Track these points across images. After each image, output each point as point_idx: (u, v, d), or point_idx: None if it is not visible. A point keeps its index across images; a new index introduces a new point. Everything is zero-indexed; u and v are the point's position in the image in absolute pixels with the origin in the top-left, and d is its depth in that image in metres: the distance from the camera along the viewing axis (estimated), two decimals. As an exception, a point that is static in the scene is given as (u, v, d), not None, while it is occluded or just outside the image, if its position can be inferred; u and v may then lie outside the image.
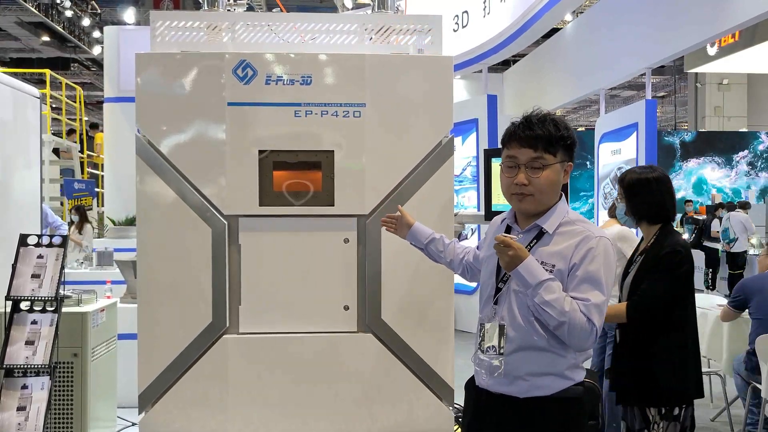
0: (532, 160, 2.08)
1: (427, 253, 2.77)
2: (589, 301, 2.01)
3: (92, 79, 21.15)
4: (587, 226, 2.13)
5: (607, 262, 2.06)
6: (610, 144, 8.48)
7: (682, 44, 7.13)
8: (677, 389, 2.90)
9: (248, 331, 3.32)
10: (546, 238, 2.12)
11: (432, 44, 3.50)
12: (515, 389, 2.11)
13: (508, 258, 2.02)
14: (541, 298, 1.99)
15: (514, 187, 2.11)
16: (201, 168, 3.30)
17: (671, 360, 2.90)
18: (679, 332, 2.94)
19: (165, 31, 3.42)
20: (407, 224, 2.78)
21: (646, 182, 3.05)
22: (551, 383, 2.10)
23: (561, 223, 2.13)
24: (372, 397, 3.35)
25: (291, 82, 3.31)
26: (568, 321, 1.98)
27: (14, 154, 4.11)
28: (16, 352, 3.56)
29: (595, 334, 2.03)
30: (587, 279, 2.04)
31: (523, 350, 2.10)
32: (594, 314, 2.01)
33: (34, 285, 3.64)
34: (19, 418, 3.50)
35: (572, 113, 25.20)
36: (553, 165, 2.10)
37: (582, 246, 2.06)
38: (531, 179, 2.08)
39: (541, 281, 2.00)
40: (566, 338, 2.03)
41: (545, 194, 2.11)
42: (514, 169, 2.11)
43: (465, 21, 8.96)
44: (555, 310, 1.98)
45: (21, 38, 17.94)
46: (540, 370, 2.10)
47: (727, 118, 18.67)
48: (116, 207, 7.41)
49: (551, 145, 2.08)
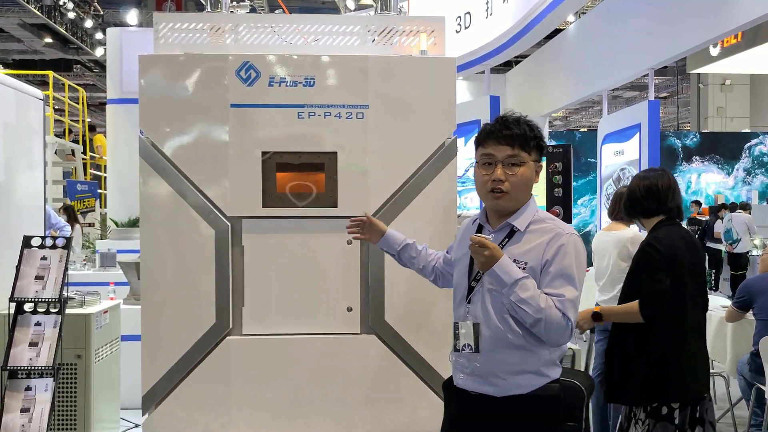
0: (509, 157, 2.15)
1: (398, 259, 2.70)
2: (563, 297, 2.07)
3: (95, 80, 21.19)
4: (557, 224, 2.19)
5: (578, 258, 2.12)
6: (612, 145, 8.46)
7: (684, 45, 7.11)
8: (655, 386, 2.87)
9: (251, 332, 3.32)
10: (517, 236, 2.18)
11: (435, 45, 3.50)
12: (493, 389, 2.15)
13: (484, 258, 2.06)
14: (517, 296, 2.04)
15: (492, 183, 2.16)
16: (204, 169, 3.31)
17: (650, 356, 2.88)
18: (666, 328, 2.90)
19: (168, 33, 3.42)
20: (380, 231, 2.68)
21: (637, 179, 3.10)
22: (528, 381, 2.14)
23: (531, 221, 2.19)
24: (375, 398, 3.35)
25: (294, 83, 3.31)
26: (545, 317, 2.04)
27: (17, 156, 4.12)
28: (20, 353, 3.57)
29: (571, 329, 2.09)
30: (560, 275, 2.09)
31: (499, 348, 2.14)
32: (569, 309, 2.07)
33: (37, 286, 3.64)
34: (22, 420, 3.50)
35: (574, 114, 25.19)
36: (528, 163, 2.17)
37: (553, 243, 2.11)
38: (508, 176, 2.15)
39: (516, 280, 2.05)
40: (543, 335, 2.08)
41: (520, 192, 2.18)
42: (492, 167, 2.17)
43: (467, 22, 8.95)
44: (531, 307, 2.04)
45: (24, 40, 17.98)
46: (516, 368, 2.14)
47: (730, 119, 18.64)
48: (119, 208, 7.42)
49: (526, 143, 2.16)
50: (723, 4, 6.34)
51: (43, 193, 4.46)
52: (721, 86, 18.54)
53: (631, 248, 4.30)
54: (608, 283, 4.42)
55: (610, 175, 8.60)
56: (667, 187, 3.07)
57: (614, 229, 4.47)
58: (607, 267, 4.43)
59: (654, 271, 2.89)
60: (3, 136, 3.95)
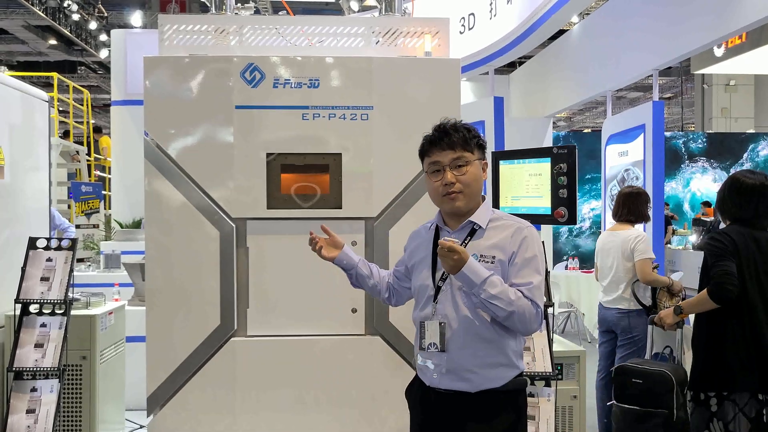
0: (455, 159, 2.25)
1: (353, 277, 2.59)
2: (531, 284, 2.16)
3: (99, 82, 21.22)
4: (515, 219, 2.30)
5: (539, 248, 2.25)
6: (617, 146, 8.46)
7: (689, 45, 7.09)
8: (700, 374, 2.97)
9: (256, 333, 3.32)
10: (479, 233, 2.26)
11: (439, 47, 3.50)
12: (466, 384, 2.19)
13: (453, 262, 2.11)
14: (488, 294, 2.10)
15: (444, 188, 2.25)
16: (209, 171, 3.31)
17: (701, 346, 2.99)
18: (721, 319, 2.98)
19: (173, 35, 3.43)
20: (337, 245, 2.57)
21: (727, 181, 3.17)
22: (500, 374, 2.21)
23: (491, 218, 2.28)
24: (380, 399, 3.35)
25: (299, 85, 3.32)
26: (516, 309, 2.11)
27: (23, 158, 4.13)
28: (26, 354, 3.58)
29: (541, 315, 2.18)
30: (526, 264, 2.19)
31: (471, 343, 2.19)
32: (537, 296, 2.17)
33: (43, 288, 3.65)
34: (28, 421, 3.51)
35: (578, 115, 25.15)
36: (473, 161, 2.26)
37: (516, 236, 2.22)
38: (457, 177, 2.24)
39: (484, 279, 2.11)
40: (516, 326, 2.16)
41: (473, 190, 2.26)
42: (440, 173, 2.26)
43: (471, 23, 8.95)
44: (502, 301, 2.10)
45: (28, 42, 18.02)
46: (488, 360, 2.20)
47: (734, 120, 18.59)
48: (123, 210, 7.43)
49: (467, 144, 2.26)
50: (727, 5, 6.33)
51: (48, 194, 4.47)
52: (726, 87, 18.49)
53: (635, 246, 4.31)
54: (613, 282, 4.43)
55: (615, 176, 8.59)
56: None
57: (619, 230, 4.47)
58: (611, 267, 4.43)
59: (719, 258, 2.96)
60: (9, 137, 3.96)
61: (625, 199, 4.51)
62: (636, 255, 4.29)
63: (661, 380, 2.92)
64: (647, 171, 7.53)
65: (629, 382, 3.04)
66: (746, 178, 3.12)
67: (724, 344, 2.97)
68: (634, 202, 4.49)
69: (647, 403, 2.95)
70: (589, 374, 4.19)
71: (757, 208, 3.08)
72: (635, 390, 3.01)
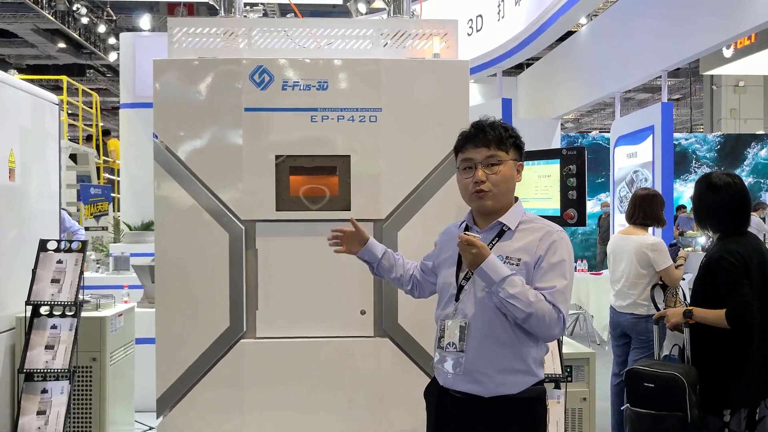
0: (488, 158, 2.20)
1: (375, 269, 2.61)
2: (554, 288, 2.10)
3: (107, 85, 21.32)
4: (545, 223, 2.24)
5: (568, 252, 2.19)
6: (625, 147, 8.44)
7: (698, 46, 7.07)
8: (720, 393, 2.94)
9: (265, 335, 3.33)
10: (508, 234, 2.22)
11: (447, 48, 3.50)
12: (480, 388, 2.15)
13: (472, 256, 2.09)
14: (506, 293, 2.06)
15: (474, 185, 2.21)
16: (218, 173, 3.32)
17: (718, 364, 2.95)
18: (732, 337, 2.96)
19: (182, 38, 3.44)
20: (362, 240, 2.58)
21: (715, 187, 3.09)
22: (517, 380, 2.15)
23: (521, 221, 2.23)
24: (388, 401, 3.35)
25: (307, 87, 3.33)
26: (535, 311, 2.06)
27: (33, 160, 4.15)
28: (36, 356, 3.60)
29: (563, 321, 2.11)
30: (552, 268, 2.13)
31: (488, 345, 2.15)
32: (559, 300, 2.10)
33: (53, 290, 3.67)
34: (39, 422, 3.53)
35: (586, 116, 25.09)
36: (507, 162, 2.22)
37: (545, 240, 2.17)
38: (488, 176, 2.20)
39: (504, 277, 2.07)
40: (535, 329, 2.10)
41: (503, 190, 2.22)
42: (471, 170, 2.22)
43: (479, 25, 8.95)
44: (520, 302, 2.06)
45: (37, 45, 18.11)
46: (505, 365, 2.15)
47: (744, 121, 18.50)
48: (132, 212, 7.45)
49: (503, 143, 2.22)
50: (736, 6, 6.31)
51: (58, 197, 4.49)
52: (735, 88, 18.41)
53: (650, 255, 4.23)
54: (625, 287, 4.36)
55: (623, 178, 8.57)
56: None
57: (633, 234, 4.38)
58: (623, 271, 4.37)
59: (735, 284, 2.91)
60: (19, 140, 3.98)
61: (641, 201, 4.38)
62: (657, 266, 4.21)
63: (673, 384, 2.90)
64: (656, 172, 7.51)
65: (641, 385, 3.03)
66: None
67: (742, 362, 2.94)
68: (650, 204, 4.37)
69: (661, 406, 2.93)
70: (599, 376, 4.17)
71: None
72: (648, 393, 3.00)
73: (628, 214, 4.49)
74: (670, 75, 9.17)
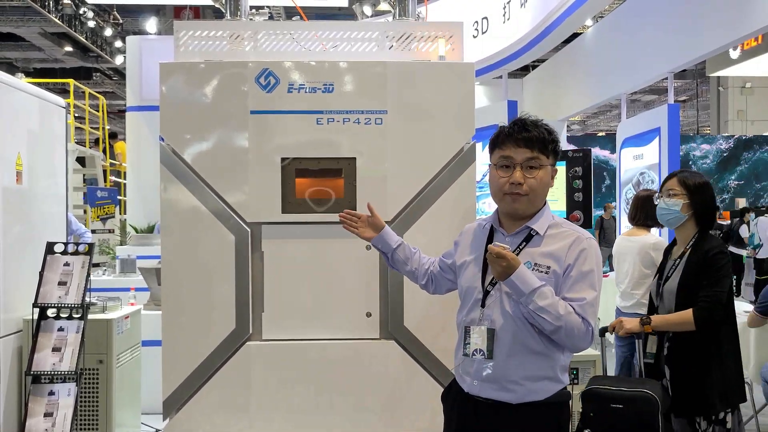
0: (529, 159, 2.13)
1: (390, 260, 2.58)
2: (584, 300, 2.06)
3: (114, 88, 21.42)
4: (574, 228, 2.19)
5: (597, 262, 2.13)
6: (632, 149, 8.41)
7: (704, 48, 7.05)
8: (725, 394, 2.88)
9: (271, 337, 3.33)
10: (536, 239, 2.15)
11: (453, 51, 3.50)
12: (509, 395, 2.11)
13: (501, 268, 2.03)
14: (536, 305, 2.02)
15: (510, 186, 2.13)
16: (224, 176, 3.33)
17: (720, 365, 2.89)
18: (726, 336, 2.93)
19: (188, 41, 3.45)
20: (378, 226, 2.55)
21: (707, 185, 3.08)
22: (545, 387, 2.12)
23: (549, 225, 2.17)
24: (394, 403, 3.34)
25: (313, 89, 3.33)
26: (564, 324, 2.02)
27: (40, 163, 4.17)
28: (44, 358, 3.61)
29: (591, 333, 2.07)
30: (581, 278, 2.08)
31: (518, 353, 2.10)
32: (589, 313, 2.06)
33: (60, 292, 3.69)
34: (46, 424, 3.54)
35: (592, 118, 25.05)
36: (546, 167, 2.15)
37: (574, 247, 2.11)
38: (526, 179, 2.12)
39: (534, 288, 2.02)
40: (564, 341, 2.07)
41: (538, 195, 2.15)
42: (510, 169, 2.14)
43: (485, 27, 8.95)
44: (550, 315, 2.02)
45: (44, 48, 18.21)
46: (535, 373, 2.11)
47: (751, 122, 18.44)
48: (138, 215, 7.49)
49: (545, 147, 2.15)
50: (743, 7, 6.28)
51: (65, 199, 4.51)
52: (742, 89, 18.35)
53: (653, 254, 4.24)
54: (629, 287, 4.38)
55: (630, 180, 8.54)
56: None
57: (636, 235, 4.41)
58: (627, 272, 4.39)
59: (721, 280, 2.88)
60: (27, 143, 4.00)
61: (642, 203, 4.42)
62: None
63: (646, 403, 2.63)
64: (663, 174, 7.49)
65: (607, 408, 2.69)
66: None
67: (732, 360, 2.92)
68: (651, 205, 4.41)
69: (634, 429, 2.66)
70: (605, 379, 4.15)
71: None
72: (615, 418, 2.67)
73: (630, 215, 4.54)
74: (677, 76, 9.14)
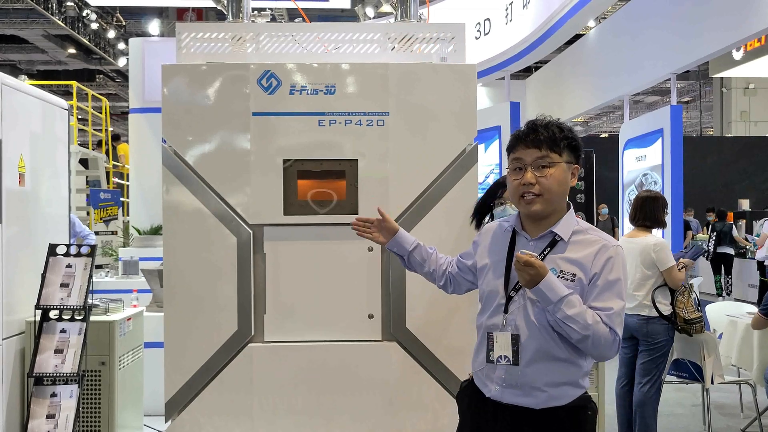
0: (538, 159, 2.09)
1: (407, 262, 2.57)
2: (611, 310, 2.02)
3: (117, 90, 21.46)
4: (600, 235, 2.14)
5: (624, 270, 2.09)
6: (634, 150, 8.40)
7: (707, 48, 7.04)
8: None
9: (273, 339, 3.33)
10: (561, 245, 2.11)
11: (455, 52, 3.50)
12: (531, 401, 2.09)
13: (529, 276, 1.99)
14: (563, 314, 1.99)
15: (522, 187, 2.10)
16: (226, 177, 3.33)
17: None
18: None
19: (190, 43, 3.45)
20: (391, 230, 2.54)
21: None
22: (567, 392, 2.10)
23: (574, 231, 2.13)
24: (397, 405, 3.34)
25: (315, 91, 3.33)
26: (592, 334, 1.99)
27: (43, 165, 4.18)
28: (46, 360, 3.61)
29: (618, 343, 2.04)
30: (608, 287, 2.04)
31: (542, 360, 2.08)
32: (616, 323, 2.03)
33: (63, 294, 3.69)
34: (48, 426, 3.54)
35: (595, 119, 25.04)
36: (559, 164, 2.10)
37: (601, 255, 2.07)
38: (538, 179, 2.09)
39: (562, 297, 1.99)
40: (590, 350, 2.04)
41: (554, 194, 2.10)
42: (521, 171, 2.12)
43: (487, 28, 8.95)
44: (578, 324, 1.98)
45: (48, 51, 18.26)
46: (558, 379, 2.09)
47: (754, 123, 18.41)
48: (141, 216, 7.49)
49: (556, 144, 2.10)
50: (746, 8, 6.28)
51: (68, 201, 4.52)
52: (745, 90, 18.33)
53: (653, 255, 4.27)
54: (630, 288, 4.39)
55: (633, 181, 8.53)
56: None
57: (637, 236, 4.42)
58: (629, 273, 4.39)
59: None
60: (29, 145, 4.00)
61: (642, 203, 4.47)
62: (660, 266, 4.25)
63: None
64: (665, 176, 7.48)
65: None
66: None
67: None
68: (651, 206, 4.45)
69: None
70: (608, 380, 4.15)
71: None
72: None
73: (630, 215, 4.58)
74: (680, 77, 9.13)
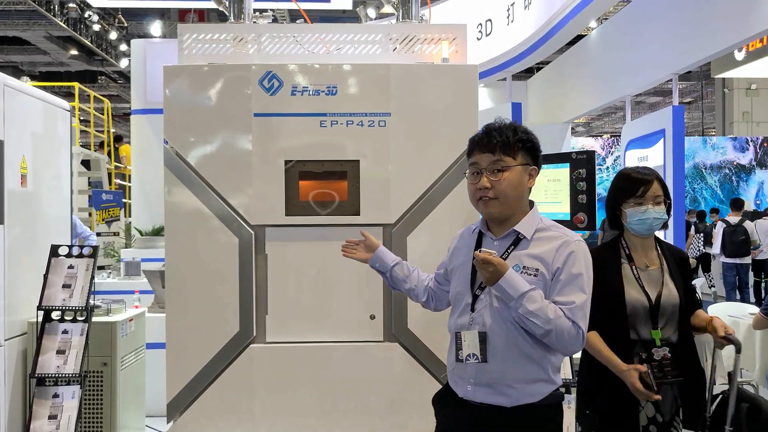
0: (492, 163, 2.14)
1: (389, 279, 2.59)
2: (573, 304, 2.04)
3: (119, 91, 21.46)
4: (563, 231, 2.18)
5: (587, 264, 2.11)
6: (636, 151, 8.39)
7: (709, 49, 7.03)
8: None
9: (275, 340, 3.33)
10: (524, 243, 2.15)
11: (456, 53, 3.50)
12: (503, 399, 2.11)
13: (489, 274, 2.03)
14: (525, 309, 2.01)
15: (478, 191, 2.16)
16: (228, 178, 3.33)
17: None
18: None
19: (192, 44, 3.46)
20: (372, 247, 2.58)
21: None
22: (539, 389, 2.12)
23: (537, 228, 2.16)
24: (398, 406, 3.34)
25: (316, 92, 3.33)
26: (554, 328, 2.01)
27: (45, 166, 4.18)
28: (48, 361, 3.62)
29: (582, 336, 2.06)
30: (570, 281, 2.07)
31: (511, 357, 2.10)
32: (579, 317, 2.05)
33: (65, 295, 3.69)
34: (50, 427, 3.55)
35: (597, 120, 25.01)
36: (514, 167, 2.14)
37: (563, 250, 2.10)
38: (493, 183, 2.13)
39: (523, 293, 2.01)
40: (554, 344, 2.07)
41: (509, 197, 2.14)
42: (478, 175, 2.17)
43: (488, 29, 8.94)
44: (540, 318, 2.01)
45: (50, 52, 18.27)
46: (528, 376, 2.11)
47: (756, 124, 18.38)
48: (143, 217, 7.49)
49: (509, 148, 2.14)
50: (748, 8, 6.27)
51: (70, 202, 4.52)
52: (747, 91, 18.29)
53: None
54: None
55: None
56: None
57: None
58: None
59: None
60: (32, 146, 4.01)
61: None
62: None
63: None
64: (667, 176, 7.47)
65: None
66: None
67: None
68: None
69: None
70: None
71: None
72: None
73: None
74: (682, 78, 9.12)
